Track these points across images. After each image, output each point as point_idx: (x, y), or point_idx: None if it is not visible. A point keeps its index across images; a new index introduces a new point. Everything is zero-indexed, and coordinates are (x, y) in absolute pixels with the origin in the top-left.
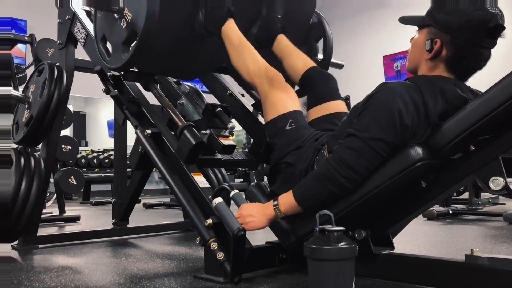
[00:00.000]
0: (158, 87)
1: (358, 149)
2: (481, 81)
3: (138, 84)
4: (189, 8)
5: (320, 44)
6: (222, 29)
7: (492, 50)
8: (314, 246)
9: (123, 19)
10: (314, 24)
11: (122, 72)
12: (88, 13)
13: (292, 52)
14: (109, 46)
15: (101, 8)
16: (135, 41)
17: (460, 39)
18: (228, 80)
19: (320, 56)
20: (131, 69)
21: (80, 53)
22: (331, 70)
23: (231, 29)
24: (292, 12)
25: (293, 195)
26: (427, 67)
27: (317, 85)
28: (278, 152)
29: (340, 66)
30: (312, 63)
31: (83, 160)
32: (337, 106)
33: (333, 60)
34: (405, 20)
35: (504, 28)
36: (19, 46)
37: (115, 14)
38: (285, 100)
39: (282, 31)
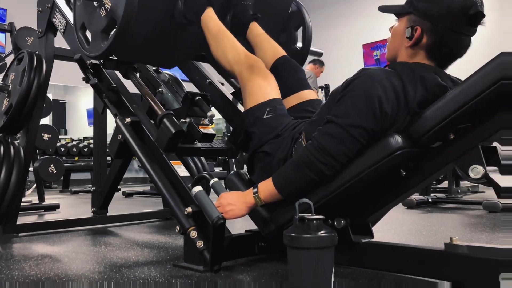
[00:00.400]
0: (138, 75)
1: (337, 135)
2: (460, 69)
3: (117, 73)
4: None
5: (300, 32)
6: (201, 18)
7: (472, 39)
8: (293, 234)
9: (103, 7)
10: (293, 12)
11: (101, 61)
12: (67, 1)
13: (262, 42)
14: (88, 34)
15: None
16: (114, 29)
17: (441, 26)
18: (207, 68)
19: (300, 44)
20: (111, 57)
21: (60, 42)
22: (310, 58)
23: (210, 18)
24: (268, 1)
25: (273, 182)
26: (407, 55)
27: (286, 76)
28: (256, 141)
29: (319, 54)
30: (281, 53)
31: (62, 149)
32: (309, 94)
33: (312, 48)
34: (384, 9)
35: (484, 15)
36: None
37: (94, 2)
38: (264, 88)
39: (254, 18)
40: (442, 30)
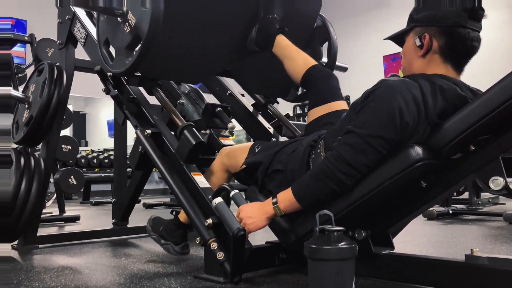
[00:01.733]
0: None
1: (357, 145)
2: (481, 80)
3: None
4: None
5: (325, 47)
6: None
7: (494, 50)
8: (314, 246)
9: (127, 23)
10: (319, 27)
11: (125, 77)
12: (88, 14)
13: (291, 52)
14: (112, 49)
15: (104, 11)
16: (139, 46)
17: (447, 25)
18: (228, 80)
19: (325, 59)
20: (135, 74)
21: (80, 53)
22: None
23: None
24: (294, 15)
25: (292, 192)
26: (423, 64)
27: (318, 84)
28: (261, 167)
29: (344, 69)
30: (313, 62)
31: (83, 160)
32: (338, 105)
33: (337, 63)
34: (390, 37)
35: (483, 10)
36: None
37: (118, 18)
38: None
39: (280, 31)
40: (449, 29)
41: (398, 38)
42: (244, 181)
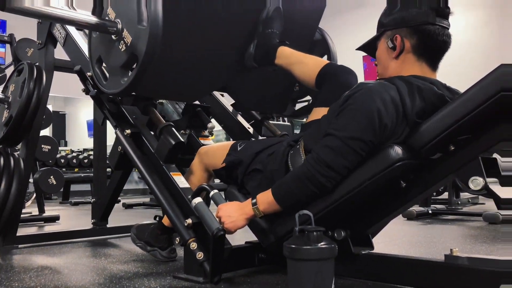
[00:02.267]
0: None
1: (337, 148)
2: (460, 81)
3: None
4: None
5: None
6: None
7: (472, 50)
8: (293, 246)
9: (122, 41)
10: (317, 40)
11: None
12: (80, 30)
13: (299, 57)
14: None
15: (96, 29)
16: (136, 65)
17: (417, 24)
18: None
19: None
20: None
21: (60, 53)
22: None
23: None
24: (292, 29)
25: (272, 193)
26: (397, 66)
27: (334, 80)
28: (242, 167)
29: None
30: (324, 62)
31: (62, 160)
32: None
33: None
34: (361, 47)
35: (449, 8)
36: None
37: (112, 36)
38: None
39: (281, 44)
40: (419, 27)
41: (370, 47)
42: (224, 179)
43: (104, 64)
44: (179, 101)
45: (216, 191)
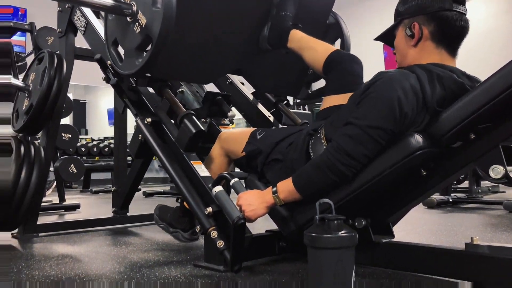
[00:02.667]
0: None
1: (356, 136)
2: (480, 70)
3: None
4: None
5: (337, 44)
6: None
7: (493, 39)
8: (314, 234)
9: (137, 23)
10: (331, 24)
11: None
12: (95, 12)
13: (309, 42)
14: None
15: (112, 11)
16: (150, 47)
17: (433, 11)
18: None
19: None
20: None
21: (80, 41)
22: None
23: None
24: (306, 12)
25: (293, 182)
26: (416, 54)
27: (340, 68)
28: (262, 156)
29: None
30: (334, 48)
31: (83, 149)
32: None
33: None
34: (379, 37)
35: None
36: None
37: (128, 18)
38: None
39: (294, 27)
40: (436, 14)
41: (388, 36)
42: (244, 168)
43: (120, 47)
44: (194, 83)
45: (236, 179)
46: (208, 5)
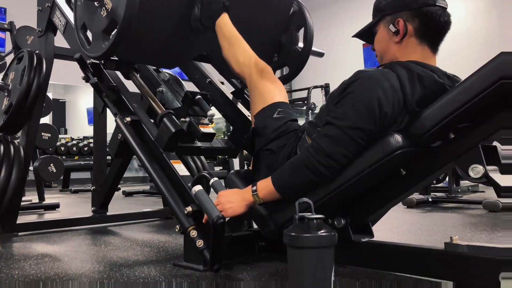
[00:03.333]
0: (138, 75)
1: (336, 137)
2: (461, 69)
3: (118, 72)
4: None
5: (301, 33)
6: (217, 23)
7: (472, 38)
8: (293, 233)
9: (103, 8)
10: (295, 12)
11: (102, 61)
12: (68, 1)
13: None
14: (89, 34)
15: None
16: (115, 30)
17: (418, 6)
18: (207, 68)
19: (301, 44)
20: (112, 58)
21: (60, 41)
22: (312, 58)
23: (225, 23)
24: (269, 0)
25: (272, 181)
26: (399, 50)
27: None
28: (263, 139)
29: (320, 55)
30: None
31: (62, 148)
32: None
33: (313, 48)
34: (358, 34)
35: None
36: None
37: (95, 3)
38: (273, 91)
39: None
40: (420, 10)
41: (367, 33)
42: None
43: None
44: (158, 67)
45: (216, 179)
46: None
